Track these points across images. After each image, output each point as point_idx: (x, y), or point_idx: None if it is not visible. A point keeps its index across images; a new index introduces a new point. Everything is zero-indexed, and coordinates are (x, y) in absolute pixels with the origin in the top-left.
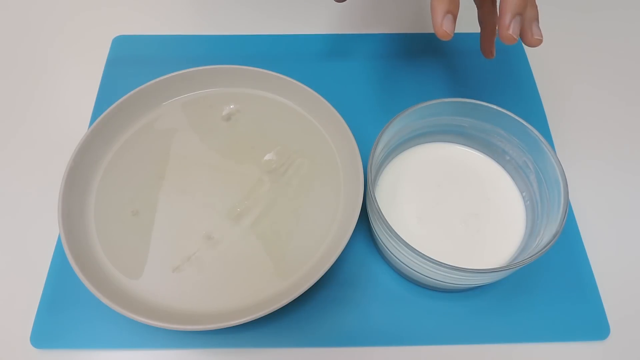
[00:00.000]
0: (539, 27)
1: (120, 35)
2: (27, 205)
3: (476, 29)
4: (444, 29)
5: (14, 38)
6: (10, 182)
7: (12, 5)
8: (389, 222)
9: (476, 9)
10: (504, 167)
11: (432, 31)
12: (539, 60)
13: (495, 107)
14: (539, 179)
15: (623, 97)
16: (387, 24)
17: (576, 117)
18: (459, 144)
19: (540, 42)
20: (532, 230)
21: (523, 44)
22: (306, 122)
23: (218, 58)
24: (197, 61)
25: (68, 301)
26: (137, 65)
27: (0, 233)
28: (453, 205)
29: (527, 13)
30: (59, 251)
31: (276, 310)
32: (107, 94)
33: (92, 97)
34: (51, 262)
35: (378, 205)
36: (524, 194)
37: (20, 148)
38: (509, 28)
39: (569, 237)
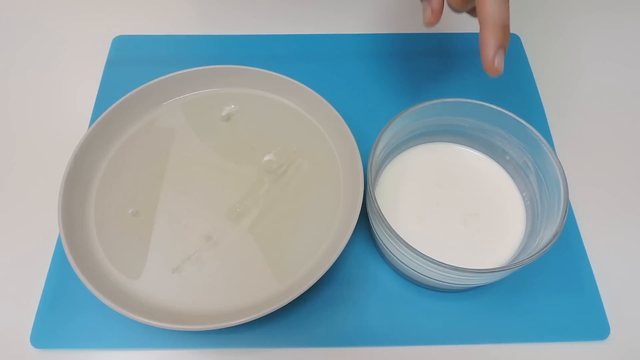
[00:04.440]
0: (502, 57)
1: (120, 35)
2: (27, 205)
3: (476, 29)
4: (495, 65)
5: (14, 38)
6: (10, 182)
7: (12, 6)
8: (389, 222)
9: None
10: (504, 167)
11: (432, 31)
12: (539, 60)
13: (495, 107)
14: (539, 179)
15: (623, 97)
16: (387, 24)
17: (576, 117)
18: (459, 144)
19: (499, 73)
20: (532, 230)
21: (522, 44)
22: (306, 122)
23: (218, 58)
24: (197, 61)
25: (68, 301)
26: (137, 65)
27: (1, 233)
28: (453, 205)
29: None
30: (59, 251)
31: (276, 310)
32: (107, 94)
33: (92, 97)
34: (51, 262)
35: (378, 205)
36: (524, 194)
37: (21, 148)
38: (494, 62)
39: (569, 237)
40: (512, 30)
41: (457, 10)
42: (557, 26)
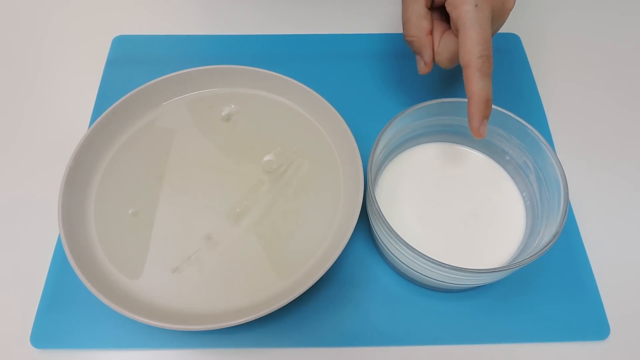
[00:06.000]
0: (486, 126)
1: (120, 35)
2: (28, 205)
3: None
4: (480, 132)
5: (15, 38)
6: (11, 182)
7: (12, 6)
8: (389, 222)
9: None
10: (504, 167)
11: None
12: (539, 60)
13: (495, 107)
14: (539, 179)
15: (623, 97)
16: (387, 24)
17: (576, 117)
18: (459, 144)
19: (483, 137)
20: (532, 230)
21: (522, 44)
22: (306, 122)
23: (218, 58)
24: (197, 61)
25: (68, 301)
26: (137, 65)
27: (1, 233)
28: (453, 205)
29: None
30: (59, 251)
31: (276, 310)
32: (107, 94)
33: (92, 97)
34: (51, 262)
35: (378, 205)
36: (524, 194)
37: (21, 148)
38: (479, 130)
39: (569, 237)
40: (512, 31)
41: (444, 67)
42: (557, 26)
